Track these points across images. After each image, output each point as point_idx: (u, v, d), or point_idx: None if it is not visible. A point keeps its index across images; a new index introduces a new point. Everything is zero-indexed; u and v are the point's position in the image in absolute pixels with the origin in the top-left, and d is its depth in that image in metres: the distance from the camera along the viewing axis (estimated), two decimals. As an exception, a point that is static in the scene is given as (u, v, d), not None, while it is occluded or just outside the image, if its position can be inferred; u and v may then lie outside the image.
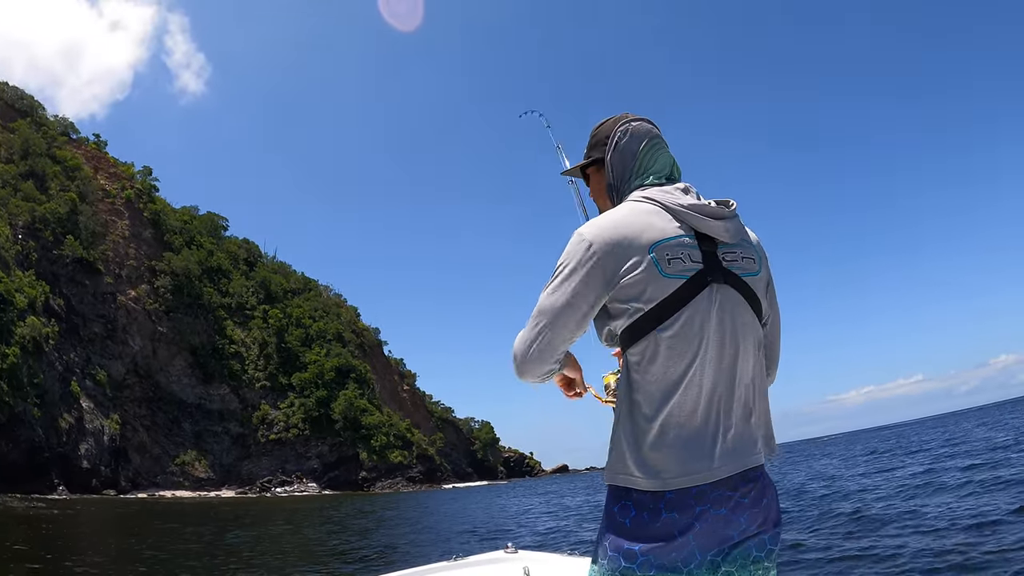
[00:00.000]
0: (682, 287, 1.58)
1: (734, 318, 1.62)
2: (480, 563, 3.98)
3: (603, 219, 1.66)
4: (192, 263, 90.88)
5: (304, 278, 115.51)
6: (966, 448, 25.25)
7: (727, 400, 1.60)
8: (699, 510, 1.55)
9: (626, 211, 1.67)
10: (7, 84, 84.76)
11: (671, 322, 1.57)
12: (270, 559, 15.43)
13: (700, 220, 1.64)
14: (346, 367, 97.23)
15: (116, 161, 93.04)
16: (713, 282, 1.61)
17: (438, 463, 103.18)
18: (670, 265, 1.58)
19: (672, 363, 1.57)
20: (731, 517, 1.57)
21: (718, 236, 1.65)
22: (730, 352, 1.61)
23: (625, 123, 1.81)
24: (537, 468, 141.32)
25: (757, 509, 1.61)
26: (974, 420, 64.86)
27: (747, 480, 1.60)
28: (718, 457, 1.57)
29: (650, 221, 1.62)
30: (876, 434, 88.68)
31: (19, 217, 67.47)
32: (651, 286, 1.57)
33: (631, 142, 1.79)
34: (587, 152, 1.89)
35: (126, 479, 67.49)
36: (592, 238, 1.61)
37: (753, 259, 1.71)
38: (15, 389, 52.56)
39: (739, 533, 1.59)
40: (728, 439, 1.59)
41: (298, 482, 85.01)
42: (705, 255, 1.62)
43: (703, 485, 1.55)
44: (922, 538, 9.63)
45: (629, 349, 1.62)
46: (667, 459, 1.56)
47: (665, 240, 1.60)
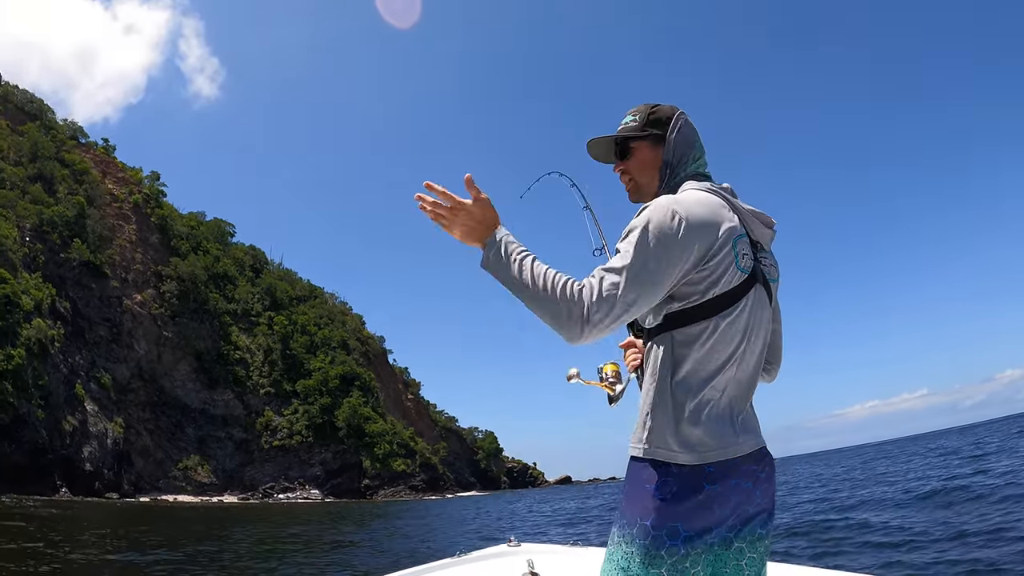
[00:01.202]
0: (745, 280, 1.69)
1: (761, 318, 1.75)
2: (484, 558, 4.01)
3: (689, 199, 1.68)
4: (198, 269, 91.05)
5: (310, 285, 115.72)
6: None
7: (749, 387, 1.74)
8: (733, 483, 1.62)
9: (704, 197, 1.72)
10: (17, 88, 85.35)
11: (732, 310, 1.66)
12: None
13: (757, 226, 1.78)
14: (350, 375, 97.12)
15: (124, 166, 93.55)
16: (758, 282, 1.73)
17: (441, 472, 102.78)
18: (743, 260, 1.69)
19: (723, 347, 1.66)
20: (753, 491, 1.67)
21: (764, 244, 1.80)
22: (753, 346, 1.73)
23: (683, 113, 1.89)
24: (540, 479, 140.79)
25: (770, 484, 1.73)
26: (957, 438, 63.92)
27: (763, 455, 1.72)
28: (740, 433, 1.67)
29: (725, 214, 1.70)
30: (856, 453, 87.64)
31: (27, 220, 67.64)
32: (727, 275, 1.65)
33: (690, 131, 1.87)
34: (642, 126, 1.89)
35: (129, 483, 67.23)
36: (686, 215, 1.62)
37: (776, 268, 1.86)
38: (20, 390, 52.50)
39: (754, 507, 1.69)
40: (741, 419, 1.70)
41: (300, 489, 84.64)
42: (756, 257, 1.76)
43: (736, 458, 1.64)
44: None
45: (682, 328, 1.67)
46: (705, 433, 1.62)
47: (740, 235, 1.70)
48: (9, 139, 75.44)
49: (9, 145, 74.45)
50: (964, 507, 11.40)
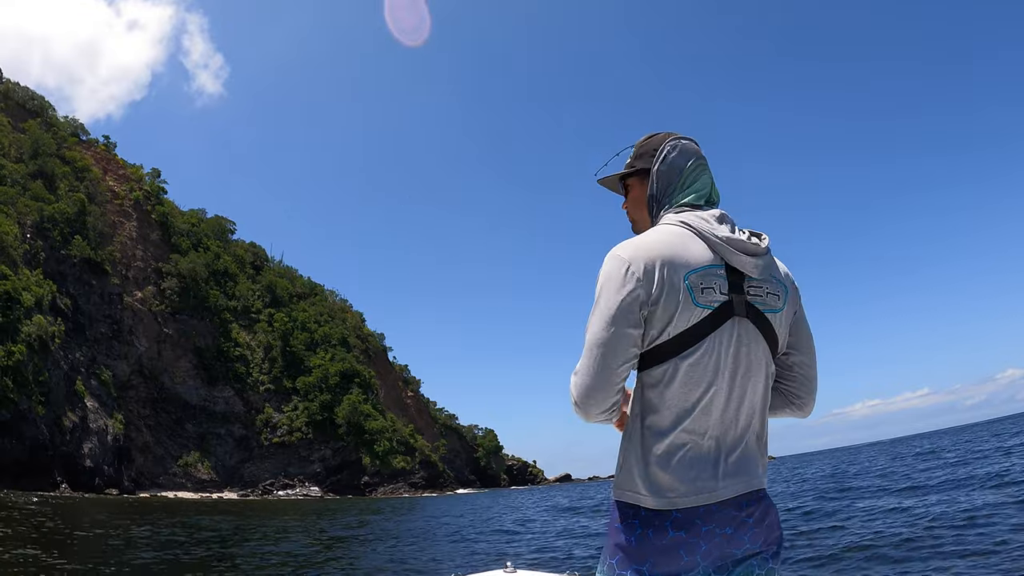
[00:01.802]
0: (708, 317, 1.60)
1: (749, 352, 1.66)
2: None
3: (638, 240, 1.66)
4: (199, 265, 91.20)
5: (310, 282, 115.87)
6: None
7: (731, 426, 1.64)
8: (704, 529, 1.57)
9: (661, 233, 1.68)
10: (18, 84, 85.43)
11: (693, 350, 1.60)
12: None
13: (732, 254, 1.65)
14: (350, 372, 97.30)
15: (125, 163, 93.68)
16: (736, 315, 1.63)
17: (441, 469, 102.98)
18: (703, 294, 1.60)
19: (688, 389, 1.60)
20: (735, 536, 1.60)
21: (747, 271, 1.66)
22: (741, 384, 1.64)
23: (675, 139, 1.83)
24: (540, 476, 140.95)
25: (760, 529, 1.64)
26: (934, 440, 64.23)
27: (751, 501, 1.64)
28: (722, 478, 1.61)
29: (685, 245, 1.64)
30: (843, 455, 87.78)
31: (28, 216, 67.79)
32: (682, 313, 1.59)
33: (680, 157, 1.80)
34: (631, 162, 1.89)
35: (129, 479, 67.41)
36: (630, 259, 1.61)
37: (778, 295, 1.72)
38: (20, 386, 52.67)
39: (742, 551, 1.62)
40: (730, 462, 1.62)
41: (300, 485, 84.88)
42: (732, 286, 1.64)
43: (710, 504, 1.58)
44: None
45: (646, 371, 1.63)
46: (675, 479, 1.58)
47: (700, 268, 1.62)
48: (10, 136, 75.55)
49: (10, 142, 74.56)
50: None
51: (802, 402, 1.85)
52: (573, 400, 1.63)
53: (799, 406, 1.85)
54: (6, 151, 73.03)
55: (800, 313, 1.82)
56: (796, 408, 1.86)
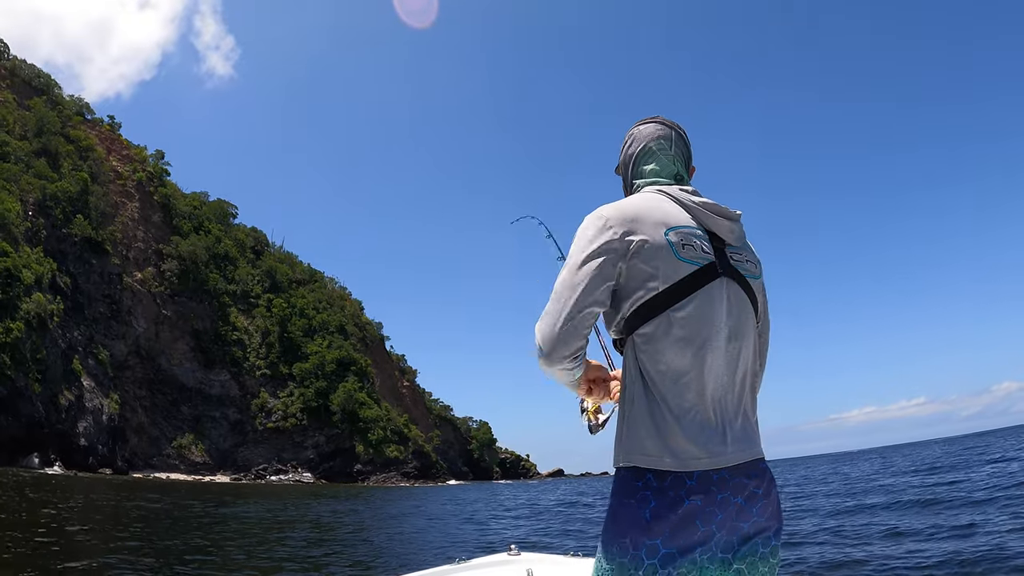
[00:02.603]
0: (695, 273, 1.61)
1: (741, 314, 1.67)
2: (483, 566, 3.98)
3: (617, 203, 1.71)
4: (199, 248, 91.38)
5: (310, 269, 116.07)
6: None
7: (730, 390, 1.63)
8: (720, 497, 1.53)
9: (639, 196, 1.74)
10: (24, 62, 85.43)
11: (684, 304, 1.59)
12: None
13: (710, 217, 1.69)
14: (347, 360, 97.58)
15: (129, 143, 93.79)
16: (724, 275, 1.65)
17: (434, 460, 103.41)
18: (684, 250, 1.61)
19: (683, 346, 1.58)
20: (746, 507, 1.58)
21: (724, 236, 1.70)
22: (735, 345, 1.64)
23: (635, 127, 1.90)
24: (532, 470, 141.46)
25: (767, 500, 1.63)
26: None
27: (758, 471, 1.63)
28: (731, 443, 1.58)
29: (663, 207, 1.68)
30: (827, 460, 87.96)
31: (30, 194, 67.98)
32: (665, 266, 1.59)
33: (633, 145, 1.88)
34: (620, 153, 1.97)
35: (123, 459, 67.81)
36: (607, 214, 1.64)
37: (754, 263, 1.77)
38: (17, 364, 53.02)
39: (751, 525, 1.59)
40: (735, 428, 1.61)
41: (293, 471, 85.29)
42: (715, 250, 1.67)
43: (723, 470, 1.55)
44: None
45: (639, 329, 1.61)
46: (689, 439, 1.54)
47: (680, 226, 1.64)
48: (15, 113, 75.63)
49: (15, 119, 74.66)
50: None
51: (758, 375, 1.85)
52: (537, 345, 1.63)
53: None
54: (11, 128, 73.14)
55: (764, 290, 1.83)
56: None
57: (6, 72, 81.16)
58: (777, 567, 1.66)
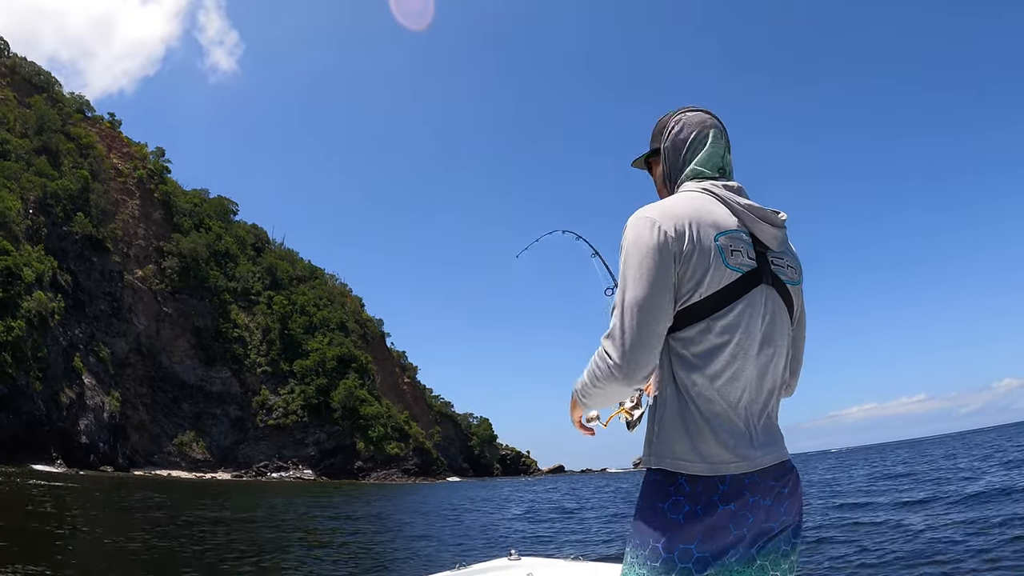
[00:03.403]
0: (740, 279, 1.61)
1: (775, 320, 1.67)
2: (484, 571, 3.97)
3: (665, 203, 1.67)
4: (200, 246, 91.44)
5: (310, 266, 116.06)
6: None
7: (758, 396, 1.64)
8: (752, 500, 1.56)
9: (686, 197, 1.69)
10: (25, 59, 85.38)
11: (726, 311, 1.59)
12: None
13: (756, 223, 1.68)
14: (348, 357, 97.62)
15: (129, 141, 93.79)
16: (765, 283, 1.65)
17: (434, 457, 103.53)
18: (732, 256, 1.61)
19: (719, 352, 1.59)
20: (774, 508, 1.60)
21: (768, 242, 1.69)
22: (768, 352, 1.65)
23: (681, 113, 1.85)
24: (533, 467, 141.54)
25: (794, 498, 1.66)
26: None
27: (785, 470, 1.66)
28: (759, 447, 1.60)
29: (711, 209, 1.65)
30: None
31: (31, 192, 68.00)
32: (713, 272, 1.58)
33: (683, 131, 1.82)
34: (650, 143, 1.92)
35: (124, 457, 67.94)
36: (658, 218, 1.60)
37: (795, 269, 1.76)
38: (19, 362, 53.14)
39: (778, 524, 1.62)
40: (760, 431, 1.63)
41: (294, 468, 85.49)
42: (759, 255, 1.66)
43: (753, 473, 1.57)
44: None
45: (677, 332, 1.61)
46: (719, 444, 1.56)
47: (728, 231, 1.63)
48: (16, 111, 75.64)
49: (15, 117, 74.66)
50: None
51: (790, 382, 1.87)
52: (612, 363, 1.57)
53: (788, 385, 1.86)
54: (11, 126, 73.17)
55: (802, 293, 1.84)
56: (785, 387, 1.86)
57: (6, 70, 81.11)
58: (796, 563, 1.70)
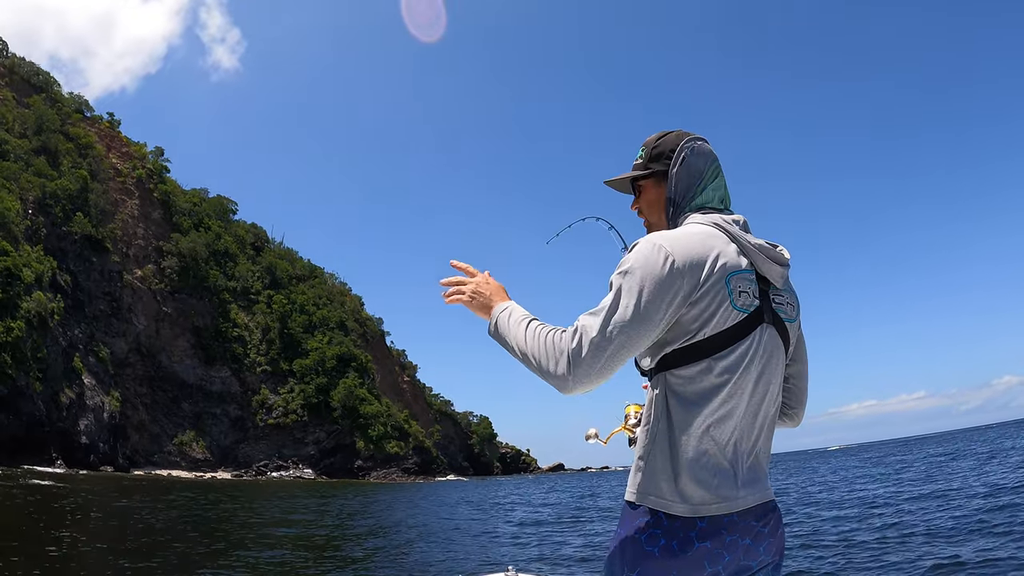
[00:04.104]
0: (743, 321, 1.59)
1: (770, 359, 1.66)
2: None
3: (677, 234, 1.63)
4: (199, 245, 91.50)
5: (310, 265, 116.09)
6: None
7: (747, 435, 1.63)
8: (729, 540, 1.55)
9: (700, 232, 1.65)
10: (24, 60, 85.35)
11: (727, 352, 1.58)
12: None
13: (764, 262, 1.66)
14: (347, 356, 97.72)
15: (129, 140, 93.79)
16: (765, 322, 1.64)
17: (434, 456, 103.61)
18: (739, 298, 1.59)
19: (718, 391, 1.57)
20: (753, 547, 1.60)
21: (774, 280, 1.68)
22: (761, 391, 1.64)
23: (691, 140, 1.79)
24: (533, 465, 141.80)
25: (774, 539, 1.66)
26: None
27: (768, 510, 1.66)
28: (742, 486, 1.60)
29: (724, 249, 1.62)
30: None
31: (30, 192, 68.01)
32: (721, 314, 1.56)
33: (698, 160, 1.77)
34: (645, 163, 1.84)
35: (124, 457, 68.04)
36: (672, 251, 1.56)
37: (794, 306, 1.76)
38: (18, 362, 53.18)
39: (757, 563, 1.62)
40: (746, 471, 1.62)
41: (294, 467, 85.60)
42: (762, 293, 1.65)
43: (733, 514, 1.57)
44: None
45: (676, 369, 1.60)
46: (701, 485, 1.56)
47: (739, 272, 1.61)
48: (15, 111, 75.62)
49: (14, 117, 74.63)
50: None
51: (794, 412, 1.89)
52: (565, 367, 1.54)
53: (791, 416, 1.89)
54: (10, 126, 73.16)
55: (800, 326, 1.83)
56: (788, 419, 1.89)
57: (5, 70, 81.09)
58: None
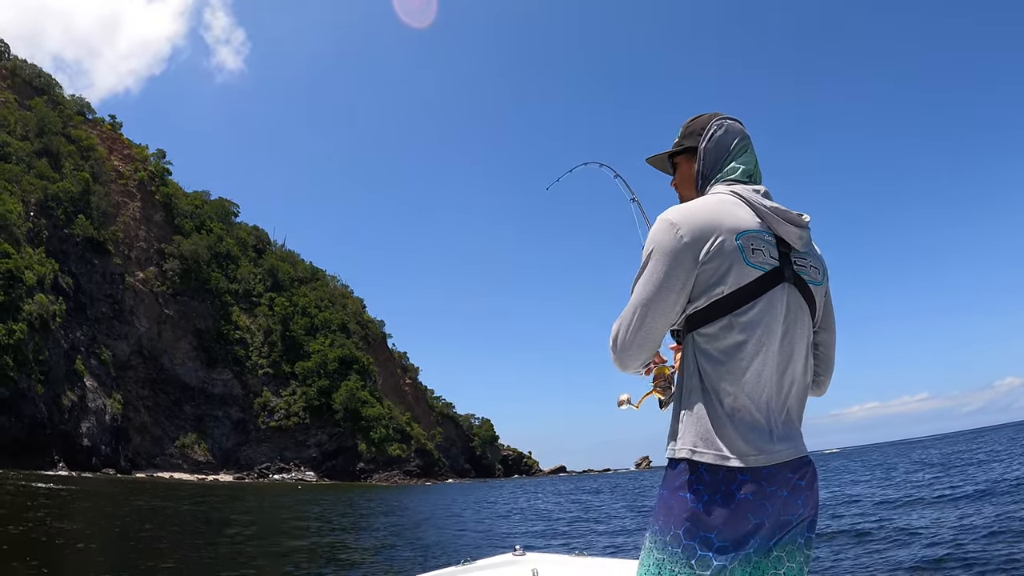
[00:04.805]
0: (761, 278, 1.67)
1: (796, 319, 1.73)
2: (489, 567, 4.01)
3: (688, 205, 1.74)
4: (201, 247, 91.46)
5: (312, 267, 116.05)
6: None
7: (777, 393, 1.70)
8: (769, 491, 1.61)
9: (710, 200, 1.76)
10: (25, 62, 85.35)
11: (747, 309, 1.65)
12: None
13: (780, 224, 1.74)
14: (349, 358, 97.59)
15: (130, 143, 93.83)
16: (786, 281, 1.71)
17: (436, 458, 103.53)
18: (753, 255, 1.67)
19: (740, 348, 1.65)
20: (791, 499, 1.65)
21: (792, 242, 1.75)
22: (787, 350, 1.71)
23: (721, 119, 1.92)
24: (535, 468, 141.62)
25: (811, 492, 1.72)
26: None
27: (802, 463, 1.71)
28: (777, 440, 1.65)
29: (734, 211, 1.71)
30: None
31: (32, 194, 67.95)
32: (734, 271, 1.65)
33: (726, 136, 1.89)
34: (679, 141, 1.98)
35: (125, 459, 67.91)
36: (679, 221, 1.68)
37: (818, 269, 1.82)
38: (20, 365, 53.10)
39: (796, 517, 1.68)
40: (780, 426, 1.68)
41: (296, 470, 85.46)
42: (781, 255, 1.72)
43: (772, 466, 1.62)
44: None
45: (701, 328, 1.68)
46: (740, 437, 1.61)
47: (750, 230, 1.69)
48: (16, 113, 75.57)
49: (16, 120, 74.58)
50: None
51: (821, 380, 1.95)
52: (613, 348, 1.75)
53: (818, 384, 1.94)
54: (12, 129, 73.10)
55: (829, 294, 1.91)
56: (815, 386, 1.93)
57: (7, 72, 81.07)
58: (811, 557, 1.74)
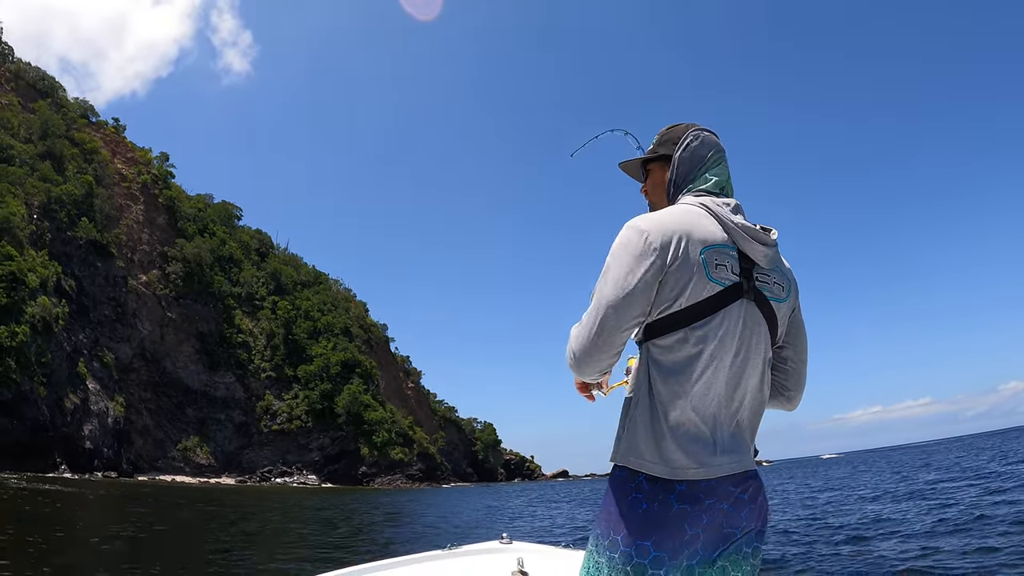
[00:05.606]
0: (720, 293, 1.67)
1: (752, 335, 1.72)
2: (473, 553, 4.00)
3: (658, 214, 1.73)
4: (204, 251, 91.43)
5: (315, 271, 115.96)
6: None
7: (725, 406, 1.68)
8: (707, 503, 1.61)
9: (679, 210, 1.76)
10: (29, 64, 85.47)
11: (705, 323, 1.65)
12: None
13: (745, 240, 1.73)
14: (352, 362, 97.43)
15: (133, 146, 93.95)
16: (745, 297, 1.70)
17: (438, 462, 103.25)
18: (716, 270, 1.67)
19: (694, 361, 1.65)
20: (732, 513, 1.65)
21: (757, 259, 1.74)
22: (740, 365, 1.70)
23: (698, 130, 1.91)
24: (537, 472, 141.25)
25: (754, 505, 1.70)
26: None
27: (747, 477, 1.70)
28: (720, 454, 1.65)
29: (702, 223, 1.71)
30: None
31: (35, 197, 67.94)
32: (695, 285, 1.64)
33: (701, 147, 1.88)
34: (654, 148, 1.97)
35: (127, 462, 67.81)
36: (649, 228, 1.67)
37: (783, 286, 1.81)
38: (23, 367, 53.01)
39: (739, 529, 1.67)
40: (724, 440, 1.67)
41: (298, 473, 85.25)
42: (743, 270, 1.71)
43: (710, 480, 1.62)
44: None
45: (657, 339, 1.68)
46: (680, 450, 1.62)
47: (715, 244, 1.69)
48: (20, 116, 75.66)
49: (19, 122, 74.64)
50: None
51: (791, 395, 1.93)
52: (571, 353, 1.72)
53: (788, 398, 1.93)
54: (15, 131, 73.14)
55: (798, 310, 1.90)
56: (785, 400, 1.94)
57: (11, 75, 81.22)
58: (759, 567, 1.75)
